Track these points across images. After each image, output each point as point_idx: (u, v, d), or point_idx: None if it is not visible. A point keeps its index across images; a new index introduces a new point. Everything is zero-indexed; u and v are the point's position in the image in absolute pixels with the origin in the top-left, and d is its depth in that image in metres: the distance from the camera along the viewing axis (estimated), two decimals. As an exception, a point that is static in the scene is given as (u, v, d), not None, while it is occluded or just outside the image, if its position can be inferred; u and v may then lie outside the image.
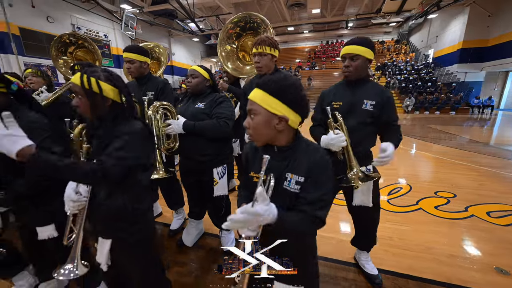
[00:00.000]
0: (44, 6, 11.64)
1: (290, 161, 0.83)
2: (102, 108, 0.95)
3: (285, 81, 0.78)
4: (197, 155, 1.67)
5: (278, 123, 0.78)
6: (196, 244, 2.02)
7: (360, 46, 1.29)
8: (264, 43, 1.57)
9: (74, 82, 0.93)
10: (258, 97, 0.78)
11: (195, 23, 14.35)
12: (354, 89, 1.38)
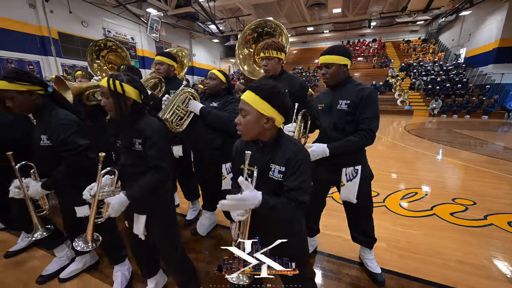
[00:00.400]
0: (80, 12, 12.68)
1: (273, 154, 0.98)
2: (125, 107, 1.13)
3: (274, 88, 0.92)
4: (207, 148, 1.82)
5: (266, 122, 0.92)
6: (208, 234, 2.18)
7: (333, 55, 1.41)
8: (271, 48, 1.65)
9: (102, 84, 1.11)
10: (250, 99, 0.91)
11: (216, 25, 14.76)
12: (334, 92, 1.52)
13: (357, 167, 1.48)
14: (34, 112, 1.33)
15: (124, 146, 1.22)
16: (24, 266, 1.76)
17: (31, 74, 1.28)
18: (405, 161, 4.67)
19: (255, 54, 2.16)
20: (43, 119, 1.31)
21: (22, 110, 1.27)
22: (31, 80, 1.24)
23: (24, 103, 1.24)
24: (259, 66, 2.26)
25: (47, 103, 1.32)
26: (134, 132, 1.16)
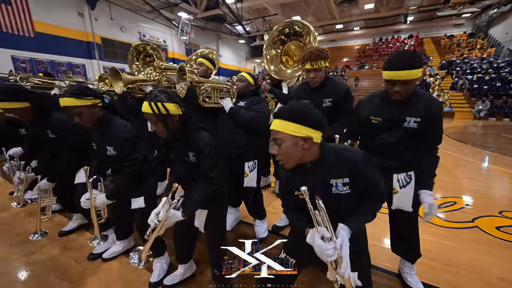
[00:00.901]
0: (119, 18, 13.81)
1: (327, 170, 0.93)
2: (173, 124, 1.18)
3: (298, 106, 0.91)
4: (232, 146, 1.87)
5: (304, 143, 0.88)
6: (233, 229, 2.25)
7: (413, 69, 1.13)
8: (319, 58, 1.54)
9: (145, 111, 1.12)
10: (280, 126, 0.88)
11: (242, 26, 14.99)
12: (397, 106, 1.27)
13: (410, 173, 1.35)
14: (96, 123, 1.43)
15: (179, 158, 1.30)
16: (74, 244, 1.99)
17: (90, 88, 1.42)
18: (443, 168, 4.29)
19: (282, 55, 2.17)
20: (103, 129, 1.44)
21: (89, 123, 1.38)
22: (92, 93, 1.35)
23: (91, 116, 1.36)
24: (285, 66, 2.27)
25: (105, 114, 1.44)
26: (187, 145, 1.24)
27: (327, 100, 1.67)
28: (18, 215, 2.43)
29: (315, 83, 1.66)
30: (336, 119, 1.69)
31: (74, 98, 1.28)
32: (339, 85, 1.70)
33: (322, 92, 1.67)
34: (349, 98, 1.70)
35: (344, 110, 1.70)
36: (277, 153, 0.92)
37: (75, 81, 2.67)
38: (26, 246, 1.91)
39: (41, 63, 11.22)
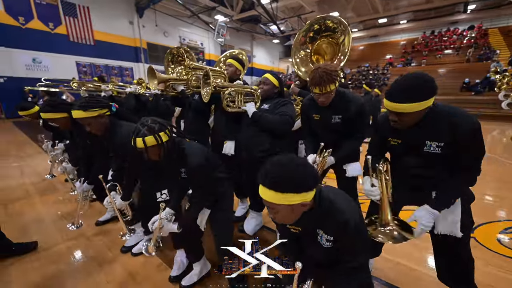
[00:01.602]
0: (163, 24, 14.94)
1: (318, 220, 0.91)
2: (167, 149, 1.20)
3: (289, 171, 0.79)
4: (254, 149, 1.81)
5: (302, 206, 0.83)
6: (255, 233, 2.17)
7: (411, 102, 0.96)
8: (328, 82, 1.37)
9: (139, 146, 1.13)
10: (273, 198, 0.80)
11: (277, 26, 14.86)
12: (416, 128, 1.08)
13: None
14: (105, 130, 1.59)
15: (172, 175, 1.38)
16: (109, 234, 2.14)
17: (99, 99, 1.54)
18: (508, 182, 3.56)
19: (312, 54, 2.01)
20: (111, 135, 1.58)
21: (99, 131, 1.54)
22: (98, 105, 1.48)
23: (98, 125, 1.51)
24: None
25: (112, 120, 1.59)
26: (178, 163, 1.29)
27: (336, 117, 1.57)
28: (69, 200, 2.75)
29: (324, 104, 1.53)
30: (347, 135, 1.58)
31: (82, 111, 1.42)
32: (351, 101, 1.54)
33: (332, 108, 1.55)
34: (362, 115, 1.56)
35: (357, 128, 1.57)
36: (275, 219, 0.90)
37: (117, 85, 2.90)
38: (65, 233, 2.13)
39: (98, 67, 12.80)
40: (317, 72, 1.38)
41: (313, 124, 1.69)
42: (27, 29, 10.25)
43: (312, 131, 1.73)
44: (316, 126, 1.67)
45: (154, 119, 1.17)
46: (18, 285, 1.52)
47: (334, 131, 1.57)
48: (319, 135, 1.66)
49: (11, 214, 2.38)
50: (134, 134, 1.12)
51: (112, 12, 12.65)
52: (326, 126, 1.59)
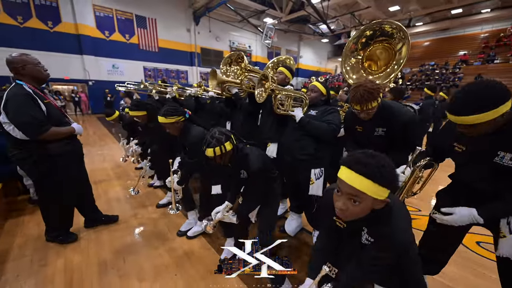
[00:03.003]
0: (215, 30, 16.05)
1: (371, 222, 0.86)
2: (228, 157, 1.39)
3: (380, 161, 0.74)
4: (298, 153, 1.86)
5: (380, 204, 0.79)
6: (295, 235, 2.23)
7: (482, 112, 0.87)
8: (369, 100, 1.33)
9: (209, 155, 1.31)
10: (364, 186, 0.73)
11: (327, 25, 14.32)
12: (488, 138, 0.98)
13: None
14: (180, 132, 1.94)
15: (233, 175, 1.55)
16: (168, 217, 2.50)
17: (177, 108, 1.83)
18: None
19: (364, 60, 1.96)
20: (185, 135, 1.89)
21: (175, 133, 1.88)
22: (176, 113, 1.80)
23: (175, 129, 1.84)
24: (367, 73, 2.04)
25: (186, 125, 1.90)
26: (240, 165, 1.47)
27: (379, 129, 1.50)
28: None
29: (365, 119, 1.47)
30: (393, 147, 1.48)
31: (164, 117, 1.75)
32: (396, 115, 1.44)
33: (375, 120, 1.48)
34: (410, 129, 1.44)
35: (405, 141, 1.46)
36: (346, 208, 0.79)
37: (179, 88, 3.32)
38: (139, 211, 2.59)
39: (160, 71, 14.62)
40: (358, 90, 1.34)
41: (356, 136, 1.67)
42: (110, 41, 12.41)
43: (356, 142, 1.70)
44: (359, 137, 1.65)
45: (220, 130, 1.36)
46: (108, 247, 1.95)
47: (378, 143, 1.52)
48: (363, 147, 1.63)
49: (99, 192, 3.00)
50: (205, 145, 1.32)
51: (173, 22, 14.25)
52: (369, 138, 1.56)
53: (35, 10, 10.30)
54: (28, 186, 2.55)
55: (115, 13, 12.26)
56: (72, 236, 2.00)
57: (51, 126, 1.68)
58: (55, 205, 1.88)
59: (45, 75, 1.77)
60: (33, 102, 1.61)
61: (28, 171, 1.78)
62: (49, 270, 1.69)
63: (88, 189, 2.16)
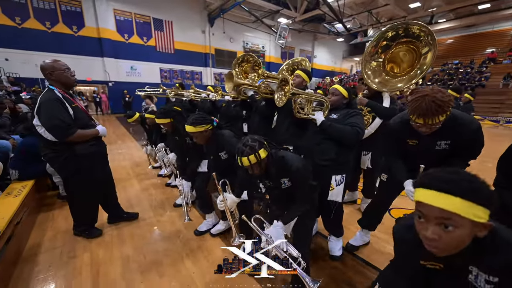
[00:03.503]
0: (229, 31, 16.19)
1: (477, 259, 0.68)
2: (265, 165, 1.35)
3: (472, 179, 0.61)
4: (318, 157, 1.82)
5: (481, 230, 0.62)
6: None
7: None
8: (438, 113, 1.12)
9: (245, 165, 1.28)
10: (458, 207, 0.59)
11: (343, 24, 14.03)
12: None
13: None
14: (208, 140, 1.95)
15: (273, 186, 1.49)
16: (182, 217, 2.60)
17: (205, 117, 1.86)
18: None
19: (386, 63, 1.91)
20: (214, 141, 1.92)
21: (202, 141, 1.91)
22: (204, 122, 1.82)
23: (203, 137, 1.87)
24: (390, 76, 1.98)
25: (214, 132, 1.91)
26: (280, 174, 1.41)
27: (442, 143, 1.31)
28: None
29: (426, 133, 1.27)
30: (452, 158, 1.34)
31: (192, 127, 1.77)
32: (464, 125, 1.25)
33: (438, 132, 1.26)
34: (477, 140, 1.28)
35: (468, 152, 1.33)
36: (439, 239, 0.62)
37: (196, 92, 3.41)
38: (157, 209, 2.68)
39: (175, 72, 15.00)
40: (423, 100, 1.12)
41: (407, 149, 1.48)
42: (129, 43, 12.90)
43: (400, 153, 1.54)
44: (412, 151, 1.46)
45: (253, 137, 1.32)
46: (129, 243, 2.05)
47: (439, 157, 1.36)
48: (413, 158, 1.46)
49: (119, 189, 3.13)
50: (238, 154, 1.29)
51: (189, 23, 14.57)
52: (427, 153, 1.39)
53: (62, 15, 10.94)
54: (58, 183, 2.73)
55: (134, 16, 12.73)
56: (97, 231, 2.12)
57: (77, 129, 1.79)
58: (82, 201, 2.00)
59: (73, 81, 1.88)
60: (62, 106, 1.72)
61: (57, 170, 1.91)
62: (77, 262, 1.80)
63: (111, 187, 2.28)
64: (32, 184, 2.48)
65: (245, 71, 3.88)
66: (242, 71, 3.80)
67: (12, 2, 9.81)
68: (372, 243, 2.07)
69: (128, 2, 12.33)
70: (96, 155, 1.97)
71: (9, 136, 3.10)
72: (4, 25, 9.74)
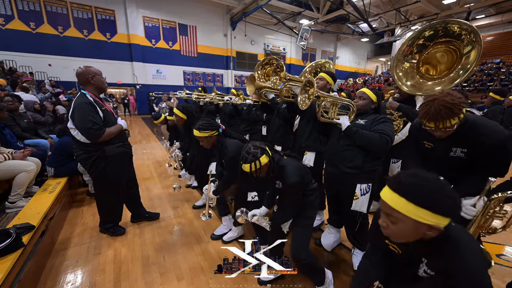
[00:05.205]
0: (251, 34, 16.34)
1: (431, 254, 0.77)
2: (265, 170, 1.39)
3: (429, 185, 0.68)
4: (342, 164, 1.72)
5: (429, 230, 0.71)
6: (333, 250, 2.10)
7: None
8: (449, 117, 1.09)
9: (246, 171, 1.34)
10: (400, 206, 0.70)
11: (368, 23, 13.44)
12: None
13: None
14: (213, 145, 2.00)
15: (269, 185, 1.57)
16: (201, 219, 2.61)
17: (212, 123, 1.88)
18: None
19: (420, 65, 1.74)
20: (219, 149, 1.93)
21: (207, 146, 1.94)
22: (210, 128, 1.85)
23: (208, 142, 1.90)
24: (424, 78, 1.81)
25: (219, 138, 1.93)
26: (277, 177, 1.46)
27: (458, 150, 1.23)
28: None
29: (441, 137, 1.21)
30: (471, 171, 1.21)
31: (198, 131, 1.82)
32: (485, 135, 1.14)
33: (453, 138, 1.19)
34: (501, 152, 1.14)
35: (489, 165, 1.18)
36: (387, 230, 0.78)
37: (219, 94, 3.45)
38: (178, 210, 2.73)
39: (197, 75, 15.46)
40: (432, 104, 1.10)
41: (423, 153, 1.40)
42: (156, 48, 13.57)
43: (422, 159, 1.43)
44: (427, 156, 1.38)
45: (255, 144, 1.38)
46: (150, 243, 2.10)
47: (453, 165, 1.27)
48: (432, 168, 1.35)
49: (142, 188, 3.26)
50: (242, 160, 1.35)
51: (212, 28, 14.96)
52: (441, 159, 1.31)
53: (97, 24, 11.84)
54: (87, 181, 2.90)
55: (161, 22, 13.38)
56: (121, 229, 2.20)
57: (105, 129, 1.88)
58: (108, 200, 2.10)
59: (106, 86, 2.01)
60: (94, 110, 1.82)
61: (87, 169, 2.01)
62: (102, 259, 1.87)
63: (135, 187, 2.36)
64: (66, 181, 2.66)
65: (267, 74, 3.85)
66: (264, 73, 3.77)
67: (56, 13, 10.83)
68: (402, 260, 1.90)
69: (156, 9, 12.99)
70: (123, 156, 2.05)
71: (48, 136, 3.38)
72: (48, 34, 10.80)
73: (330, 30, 17.50)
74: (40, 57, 10.70)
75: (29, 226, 1.67)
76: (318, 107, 1.76)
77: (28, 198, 2.25)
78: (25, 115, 3.41)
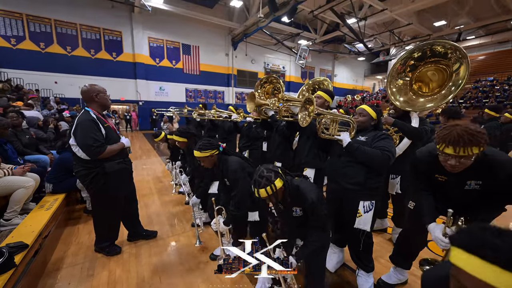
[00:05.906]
0: (251, 53, 16.99)
1: None
2: (281, 195, 1.38)
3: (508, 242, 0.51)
4: (344, 181, 1.70)
5: None
6: (336, 271, 2.01)
7: None
8: (471, 144, 1.03)
9: (262, 196, 1.30)
10: (491, 276, 0.50)
11: (364, 44, 14.01)
12: None
13: None
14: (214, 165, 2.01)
15: (285, 213, 1.51)
16: (202, 237, 2.51)
17: (212, 143, 1.92)
18: None
19: (413, 82, 1.80)
20: (221, 168, 1.95)
21: (208, 165, 1.97)
22: (210, 147, 1.88)
23: (209, 162, 1.93)
24: (417, 95, 1.86)
25: (220, 157, 1.96)
26: (293, 203, 1.42)
27: (472, 183, 1.20)
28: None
29: (453, 171, 1.14)
30: (484, 199, 1.20)
31: (199, 152, 1.85)
32: (499, 167, 1.12)
33: (469, 171, 1.15)
34: None
35: (503, 193, 1.18)
36: None
37: (218, 111, 3.52)
38: (176, 228, 2.67)
39: (199, 92, 15.84)
40: (453, 129, 1.05)
41: (434, 185, 1.38)
42: (160, 66, 14.04)
43: (429, 187, 1.41)
44: (439, 188, 1.36)
45: (268, 168, 1.35)
46: (146, 263, 2.03)
47: (467, 197, 1.26)
48: (442, 201, 1.37)
49: (141, 205, 3.20)
50: (255, 186, 1.31)
51: (214, 48, 15.59)
52: (455, 192, 1.29)
53: (104, 44, 12.36)
54: (85, 198, 2.87)
55: (165, 43, 13.97)
56: (117, 248, 2.13)
57: (107, 146, 1.89)
58: (105, 217, 2.05)
59: (109, 103, 2.07)
60: (96, 127, 1.85)
61: (86, 186, 2.00)
62: (95, 281, 1.80)
63: (134, 204, 2.32)
64: (63, 197, 2.63)
65: (267, 91, 3.96)
66: (264, 91, 3.88)
67: (66, 34, 11.36)
68: (410, 283, 1.82)
69: (161, 31, 13.63)
70: (123, 172, 2.04)
71: (48, 151, 3.39)
72: (57, 53, 11.24)
73: (327, 50, 18.19)
74: (47, 74, 11.05)
75: (22, 245, 1.63)
76: (319, 124, 1.78)
77: (24, 215, 2.21)
78: (27, 131, 3.45)
